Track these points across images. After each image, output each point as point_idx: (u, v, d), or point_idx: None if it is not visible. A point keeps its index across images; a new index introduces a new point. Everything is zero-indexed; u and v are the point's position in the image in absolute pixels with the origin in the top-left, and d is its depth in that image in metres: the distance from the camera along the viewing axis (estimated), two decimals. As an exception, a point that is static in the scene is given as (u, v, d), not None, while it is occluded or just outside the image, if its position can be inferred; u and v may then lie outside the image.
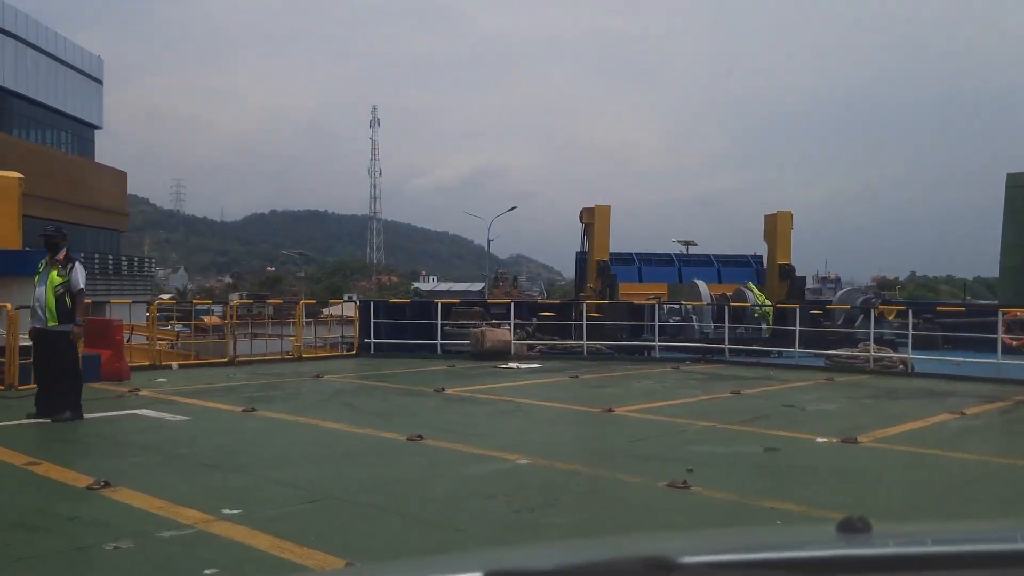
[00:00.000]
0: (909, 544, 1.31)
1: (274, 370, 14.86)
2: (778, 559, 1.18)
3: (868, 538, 1.23)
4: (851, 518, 1.24)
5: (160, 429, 8.49)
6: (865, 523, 1.24)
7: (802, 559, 1.17)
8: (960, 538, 1.35)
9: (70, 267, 8.98)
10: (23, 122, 47.47)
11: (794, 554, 1.20)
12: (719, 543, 1.41)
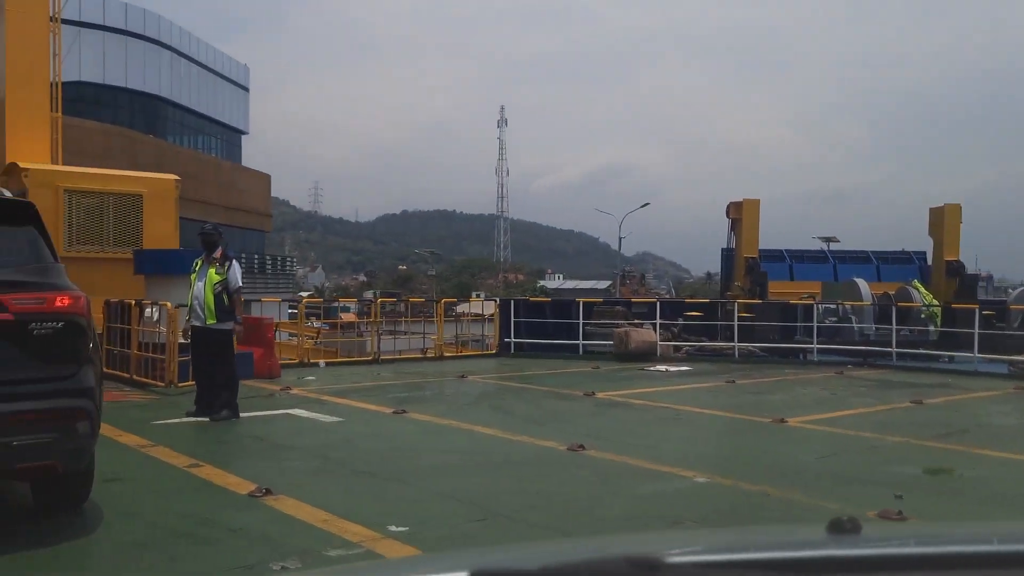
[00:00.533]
0: (897, 545, 1.31)
1: (417, 369, 14.70)
2: (765, 559, 1.17)
3: (857, 539, 1.22)
4: (840, 518, 1.23)
5: (314, 431, 8.30)
6: (855, 523, 1.23)
7: (790, 559, 1.16)
8: (947, 539, 1.36)
9: (228, 265, 8.94)
10: (178, 129, 50.20)
11: (782, 554, 1.20)
12: (706, 543, 1.41)
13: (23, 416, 4.31)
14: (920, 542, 1.33)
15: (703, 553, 1.21)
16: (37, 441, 4.33)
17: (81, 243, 14.50)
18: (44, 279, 4.62)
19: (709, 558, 1.18)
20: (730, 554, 1.23)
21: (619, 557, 1.11)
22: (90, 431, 4.60)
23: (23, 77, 14.94)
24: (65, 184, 14.36)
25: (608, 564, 1.11)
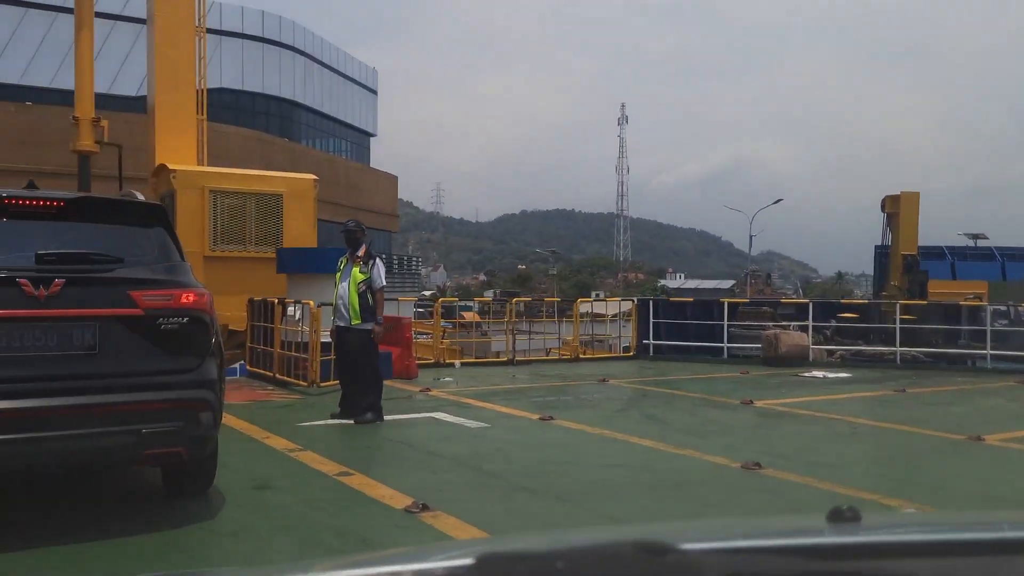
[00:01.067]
0: (897, 533, 1.34)
1: (554, 371, 14.15)
2: (769, 546, 1.19)
3: (857, 527, 1.23)
4: (840, 507, 1.25)
5: (462, 438, 7.84)
6: (855, 512, 1.24)
7: (792, 546, 1.17)
8: (947, 526, 1.40)
9: (371, 263, 8.64)
10: (310, 132, 51.71)
11: (784, 541, 1.21)
12: (711, 531, 1.42)
13: (151, 405, 4.58)
14: (920, 529, 1.38)
15: (709, 540, 1.23)
16: (164, 429, 4.57)
17: (225, 242, 14.73)
18: (171, 277, 4.86)
19: (716, 545, 1.20)
20: (737, 541, 1.25)
21: (628, 543, 1.12)
22: (212, 421, 4.84)
23: (171, 82, 15.36)
24: (210, 184, 14.62)
25: (616, 549, 1.13)
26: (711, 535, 1.32)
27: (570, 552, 1.13)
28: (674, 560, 1.05)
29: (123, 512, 5.18)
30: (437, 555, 1.21)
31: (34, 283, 4.42)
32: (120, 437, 4.50)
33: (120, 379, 4.56)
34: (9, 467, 4.48)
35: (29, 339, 4.41)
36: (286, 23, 48.87)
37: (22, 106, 33.29)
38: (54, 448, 4.39)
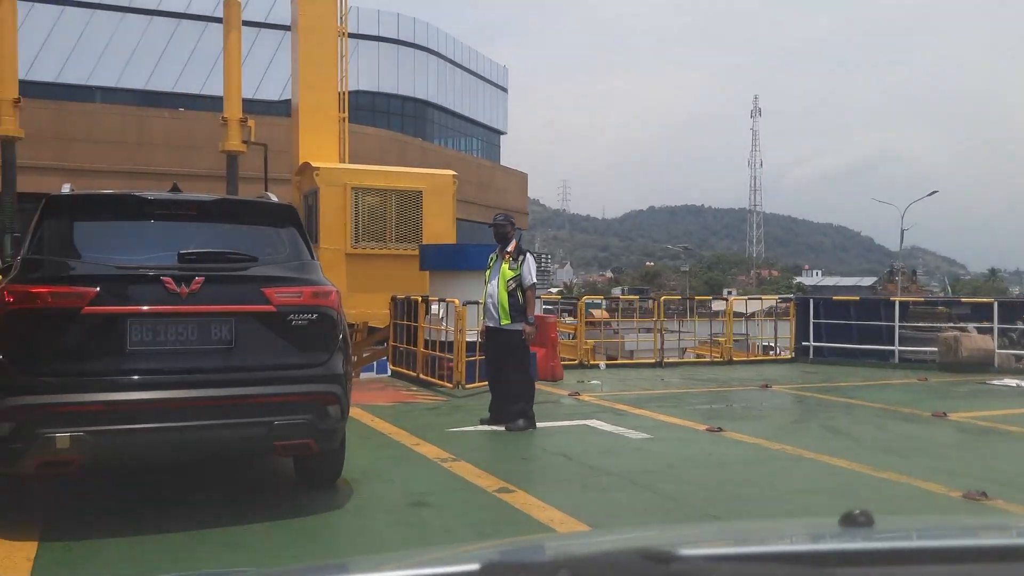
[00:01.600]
0: (909, 539, 1.33)
1: (708, 375, 13.19)
2: (777, 552, 1.17)
3: (870, 532, 1.21)
4: (852, 512, 1.23)
5: (625, 450, 7.12)
6: (868, 517, 1.22)
7: (802, 552, 1.16)
8: (960, 533, 1.40)
9: (521, 259, 8.06)
10: (443, 131, 52.21)
11: (793, 547, 1.22)
12: (719, 536, 1.44)
13: (283, 398, 4.73)
14: (933, 535, 1.38)
15: (716, 546, 1.22)
16: (294, 421, 4.72)
17: (366, 240, 14.60)
18: (302, 275, 5.01)
19: (722, 551, 1.18)
20: (743, 547, 1.24)
21: (632, 550, 1.11)
22: (340, 414, 4.94)
23: (314, 83, 15.45)
24: (352, 182, 14.52)
25: (621, 557, 1.11)
26: (717, 541, 1.34)
27: (574, 559, 1.12)
28: (679, 568, 1.03)
29: (282, 527, 4.78)
30: (441, 561, 1.21)
31: (176, 281, 4.62)
32: (254, 428, 4.68)
33: (254, 373, 4.73)
34: (156, 455, 4.73)
35: (172, 334, 4.61)
36: (420, 24, 49.53)
37: (175, 112, 35.00)
38: (195, 437, 4.59)
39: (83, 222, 5.01)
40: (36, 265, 4.69)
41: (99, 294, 4.50)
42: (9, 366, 4.37)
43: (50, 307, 4.45)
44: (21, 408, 4.30)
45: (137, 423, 4.43)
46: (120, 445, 4.46)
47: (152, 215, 5.04)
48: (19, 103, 13.64)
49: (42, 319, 4.45)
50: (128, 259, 4.76)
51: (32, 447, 4.26)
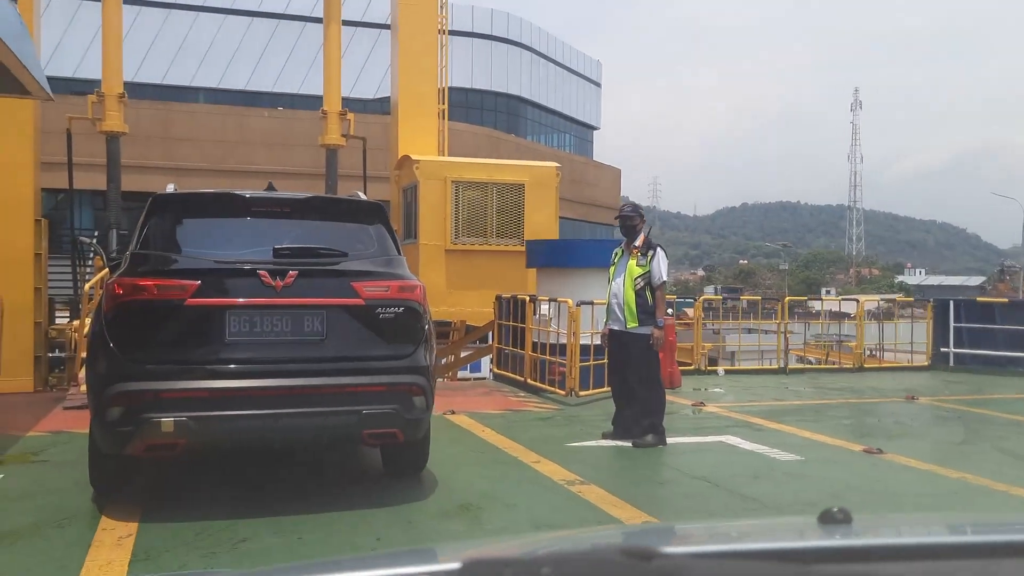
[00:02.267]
0: (888, 536, 1.36)
1: (839, 382, 12.01)
2: (757, 550, 1.18)
3: (848, 529, 1.22)
4: (831, 509, 1.24)
5: (775, 475, 6.19)
6: (846, 514, 1.23)
7: (782, 550, 1.16)
8: (938, 530, 1.42)
9: (651, 255, 7.20)
10: (535, 127, 51.56)
11: (773, 545, 1.21)
12: (700, 534, 1.45)
13: (371, 388, 4.89)
14: (912, 532, 1.41)
15: (697, 544, 1.24)
16: (381, 411, 4.87)
17: (466, 235, 14.00)
18: (389, 269, 5.22)
19: (703, 549, 1.19)
20: (723, 545, 1.24)
21: (615, 547, 1.12)
22: (425, 405, 5.08)
23: (413, 77, 15.02)
24: (452, 175, 13.94)
25: (603, 554, 1.12)
26: (698, 539, 1.37)
27: (556, 557, 1.12)
28: (660, 565, 1.04)
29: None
30: (423, 560, 1.21)
31: (272, 275, 4.81)
32: (344, 417, 4.84)
33: (344, 363, 4.89)
34: (252, 440, 4.95)
35: (268, 325, 4.81)
36: (513, 20, 49.04)
37: (274, 111, 35.45)
38: (289, 424, 4.75)
39: (186, 219, 5.30)
40: (143, 260, 4.94)
41: (201, 287, 4.73)
42: (118, 354, 4.62)
43: (156, 299, 4.69)
44: (130, 394, 4.55)
45: (235, 410, 4.66)
46: (219, 430, 4.69)
47: (249, 212, 5.28)
48: (124, 99, 13.57)
49: (148, 310, 4.70)
50: (227, 254, 4.99)
51: (140, 430, 4.52)
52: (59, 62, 33.99)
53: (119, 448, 4.66)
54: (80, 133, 14.42)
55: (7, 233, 11.56)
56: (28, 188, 11.80)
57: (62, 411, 8.25)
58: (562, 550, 1.18)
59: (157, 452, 4.73)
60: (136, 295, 4.67)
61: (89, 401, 4.87)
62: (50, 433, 7.22)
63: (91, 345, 4.90)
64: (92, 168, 15.92)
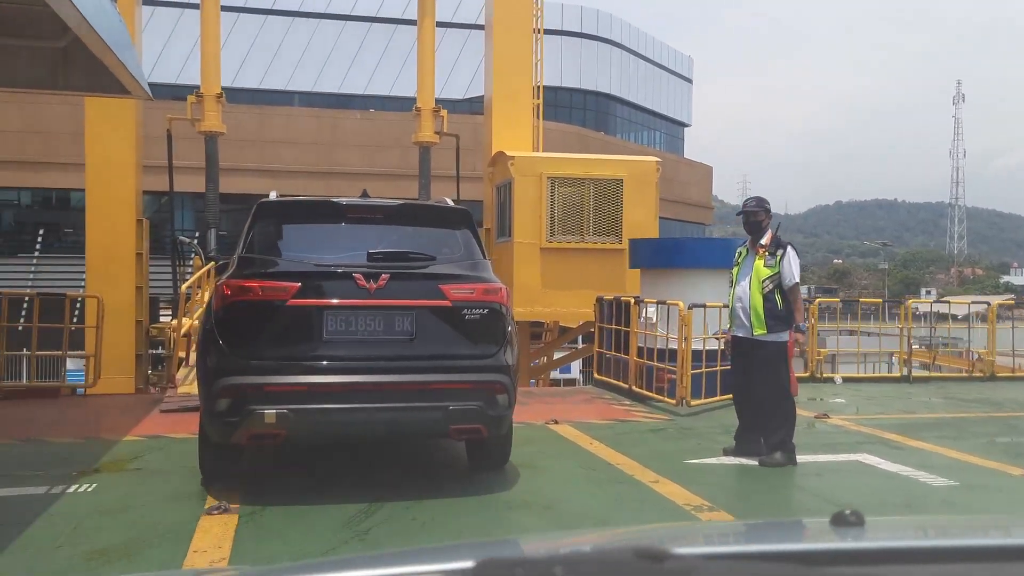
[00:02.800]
0: (900, 538, 1.36)
1: (971, 393, 10.95)
2: (769, 551, 1.18)
3: (861, 531, 1.22)
4: (843, 512, 1.24)
5: (931, 505, 5.44)
6: (858, 516, 1.23)
7: (794, 552, 1.16)
8: (952, 532, 1.45)
9: (780, 254, 6.53)
10: (625, 125, 50.71)
11: (785, 547, 1.21)
12: (712, 535, 1.48)
13: (457, 385, 5.12)
14: (924, 535, 1.42)
15: (709, 545, 1.23)
16: (466, 407, 5.08)
17: (562, 233, 13.49)
18: (475, 273, 5.45)
19: (715, 550, 1.20)
20: (735, 546, 1.26)
21: (626, 548, 1.10)
22: (508, 402, 5.27)
23: (507, 71, 14.63)
24: (548, 171, 13.45)
25: (615, 555, 1.12)
26: (710, 540, 1.36)
27: (569, 558, 1.11)
28: (672, 566, 1.04)
29: None
30: (436, 558, 1.21)
31: (366, 277, 5.07)
32: (432, 412, 5.08)
33: (432, 361, 5.15)
34: (346, 432, 5.25)
35: (362, 325, 5.08)
36: (603, 16, 48.32)
37: (366, 113, 35.82)
38: (381, 418, 5.03)
39: (288, 225, 5.66)
40: (249, 262, 5.28)
41: (301, 288, 5.03)
42: (226, 350, 4.96)
43: (260, 300, 5.01)
44: (236, 387, 4.88)
45: (331, 403, 4.94)
46: (317, 422, 4.97)
47: (345, 219, 5.59)
48: (221, 99, 13.63)
49: (253, 310, 5.02)
50: (325, 258, 5.30)
51: (245, 421, 4.83)
52: (162, 69, 35.16)
53: (226, 437, 4.98)
54: (181, 137, 14.61)
55: (110, 233, 11.68)
56: (130, 188, 11.91)
57: (159, 414, 8.12)
58: (575, 551, 1.18)
59: (260, 440, 5.08)
60: (243, 296, 5.00)
61: (199, 392, 5.24)
62: (146, 437, 7.06)
63: (201, 340, 5.25)
64: (192, 171, 16.15)
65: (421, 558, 1.20)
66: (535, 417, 8.13)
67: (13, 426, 7.47)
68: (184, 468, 5.81)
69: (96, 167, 11.83)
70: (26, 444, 6.77)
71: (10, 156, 29.20)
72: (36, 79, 8.85)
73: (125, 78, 8.41)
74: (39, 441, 6.87)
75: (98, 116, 11.67)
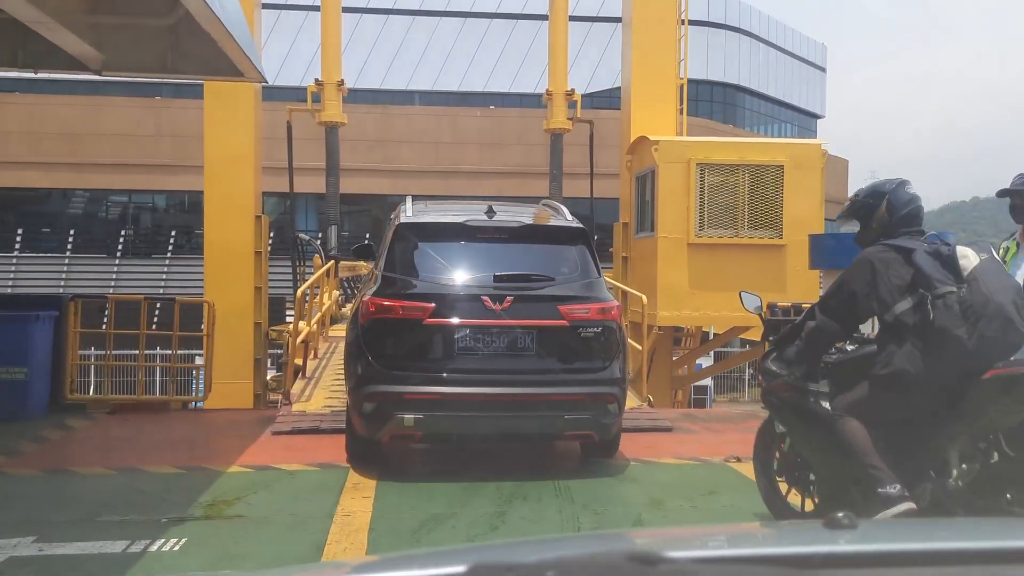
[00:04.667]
0: (894, 541, 1.34)
1: None
2: (762, 555, 1.19)
3: (854, 534, 1.23)
4: (836, 515, 1.24)
5: None
6: (852, 520, 1.24)
7: (786, 555, 1.17)
8: (944, 535, 1.45)
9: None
10: (754, 117, 48.46)
11: (778, 550, 1.23)
12: (704, 539, 1.41)
13: (572, 396, 5.77)
14: (917, 538, 1.40)
15: (701, 549, 1.22)
16: (580, 416, 5.75)
17: (712, 227, 11.96)
18: (590, 293, 5.97)
19: (707, 554, 1.19)
20: (728, 550, 1.25)
21: (618, 552, 1.13)
22: (617, 410, 5.90)
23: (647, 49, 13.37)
24: (697, 157, 11.94)
25: (608, 559, 1.13)
26: (703, 544, 1.33)
27: (561, 562, 1.12)
28: (665, 570, 1.05)
29: None
30: (429, 563, 1.22)
31: (493, 299, 5.67)
32: (548, 420, 5.77)
33: (550, 375, 5.79)
34: (472, 436, 6.03)
35: (488, 341, 5.70)
36: (731, 4, 46.08)
37: (486, 110, 35.21)
38: (504, 425, 5.79)
39: (423, 244, 6.09)
40: (391, 282, 5.86)
41: (436, 309, 5.62)
42: (372, 361, 5.62)
43: (401, 318, 5.64)
44: (381, 394, 5.55)
45: (461, 411, 5.56)
46: (448, 427, 5.69)
47: (474, 239, 6.06)
48: (342, 87, 12.85)
49: (395, 326, 5.68)
50: (456, 279, 5.89)
51: (387, 423, 5.54)
52: (287, 73, 35.51)
53: (371, 434, 5.69)
54: (303, 138, 14.00)
55: (227, 229, 10.99)
56: (248, 183, 11.19)
57: (271, 436, 7.11)
58: (567, 555, 1.18)
59: (398, 440, 5.88)
60: (385, 314, 5.64)
61: (347, 392, 6.00)
62: (254, 469, 6.04)
63: (349, 348, 6.00)
64: (314, 172, 15.59)
65: (415, 563, 1.24)
66: (708, 451, 6.73)
67: (112, 450, 6.67)
68: (294, 517, 4.81)
69: (214, 161, 11.21)
70: (119, 475, 5.87)
71: (145, 160, 30.04)
72: (145, 63, 8.20)
73: (236, 55, 7.57)
74: (134, 472, 5.95)
75: (216, 107, 11.04)
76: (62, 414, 7.71)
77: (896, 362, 3.75)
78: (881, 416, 3.84)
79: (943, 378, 3.71)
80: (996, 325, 3.62)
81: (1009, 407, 3.60)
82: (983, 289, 3.65)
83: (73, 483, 5.58)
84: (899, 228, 4.07)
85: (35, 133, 29.82)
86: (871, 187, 4.42)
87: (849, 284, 4.02)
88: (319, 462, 6.14)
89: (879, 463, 3.72)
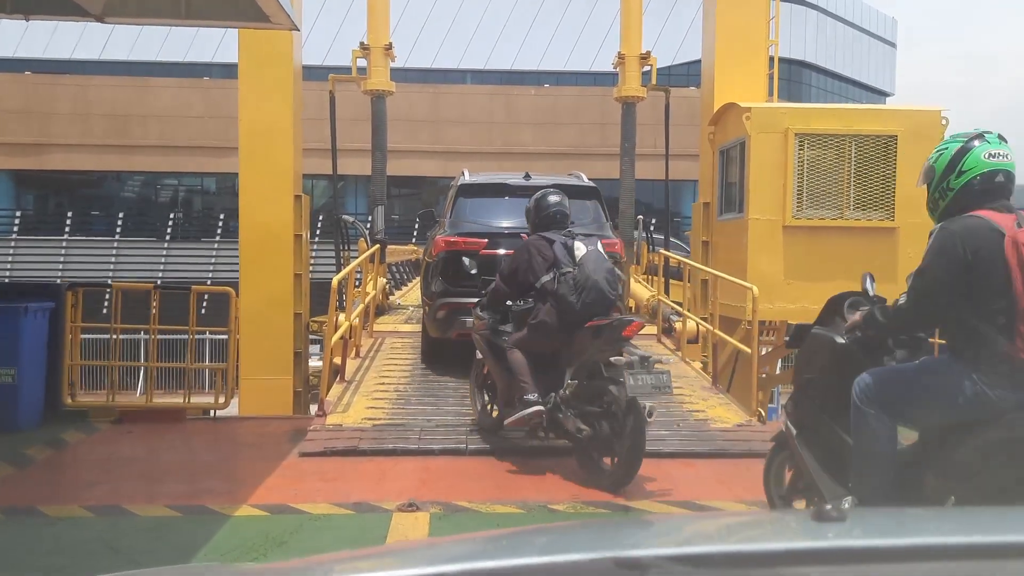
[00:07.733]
0: (885, 535, 1.31)
1: None
2: (751, 552, 1.16)
3: (843, 528, 1.21)
4: (822, 507, 1.23)
5: None
6: (841, 513, 1.21)
7: (776, 552, 1.15)
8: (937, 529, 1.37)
9: None
10: (819, 94, 46.58)
11: (768, 546, 1.19)
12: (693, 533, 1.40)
13: None
14: (908, 532, 1.36)
15: (689, 547, 1.19)
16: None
17: (813, 206, 10.36)
18: (600, 232, 7.67)
19: (695, 551, 1.16)
20: (716, 547, 1.22)
21: (605, 557, 1.09)
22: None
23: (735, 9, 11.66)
24: (796, 126, 10.31)
25: (594, 564, 1.10)
26: (693, 541, 1.31)
27: (546, 567, 1.11)
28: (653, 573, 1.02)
29: None
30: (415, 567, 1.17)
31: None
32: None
33: None
34: None
35: None
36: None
37: (540, 89, 34.10)
38: None
39: (478, 198, 8.34)
40: (456, 224, 8.05)
41: (488, 243, 7.70)
42: (442, 280, 7.76)
43: (463, 249, 7.74)
44: (450, 304, 7.62)
45: None
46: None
47: (515, 194, 7.93)
48: (390, 51, 11.51)
49: (459, 255, 7.75)
50: (502, 222, 7.94)
51: (453, 325, 7.56)
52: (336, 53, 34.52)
53: (442, 334, 7.80)
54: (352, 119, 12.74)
55: (264, 211, 9.73)
56: (287, 157, 9.88)
57: (298, 458, 5.70)
58: (552, 559, 1.14)
59: (460, 337, 7.32)
60: (452, 247, 7.78)
61: (423, 306, 8.33)
62: (269, 511, 4.62)
63: (425, 274, 8.40)
64: (364, 153, 14.40)
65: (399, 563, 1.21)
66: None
67: (99, 481, 5.29)
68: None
69: (249, 133, 9.95)
70: (94, 521, 4.46)
71: (194, 142, 29.46)
72: (153, 6, 6.92)
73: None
74: (114, 515, 4.52)
75: (250, 69, 9.78)
76: (59, 424, 6.50)
77: (541, 315, 5.59)
78: (531, 349, 5.68)
79: (565, 327, 5.55)
80: (594, 295, 5.52)
81: (600, 346, 5.42)
82: (586, 271, 5.54)
83: (28, 532, 4.29)
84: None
85: (84, 115, 29.43)
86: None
87: (515, 261, 5.92)
88: (354, 501, 4.85)
89: (528, 379, 5.56)
